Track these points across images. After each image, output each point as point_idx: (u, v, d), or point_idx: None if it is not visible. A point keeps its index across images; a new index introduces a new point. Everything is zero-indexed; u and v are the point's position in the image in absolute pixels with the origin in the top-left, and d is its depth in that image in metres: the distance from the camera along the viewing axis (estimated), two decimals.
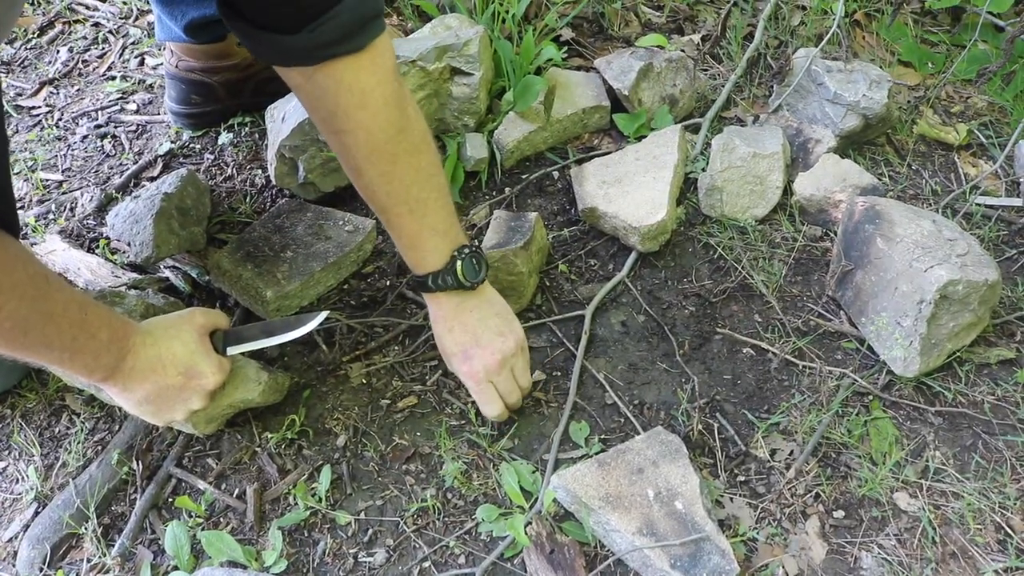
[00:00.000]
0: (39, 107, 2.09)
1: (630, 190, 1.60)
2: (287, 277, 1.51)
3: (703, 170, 1.70)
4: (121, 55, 2.21)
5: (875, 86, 1.76)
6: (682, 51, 1.98)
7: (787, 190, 1.69)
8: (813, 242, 1.65)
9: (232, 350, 1.30)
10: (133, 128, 1.99)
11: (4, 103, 1.29)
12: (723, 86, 1.90)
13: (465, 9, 1.89)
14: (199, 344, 1.24)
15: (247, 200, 1.74)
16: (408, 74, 1.65)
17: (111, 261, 1.66)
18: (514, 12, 1.86)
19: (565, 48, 1.95)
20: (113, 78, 2.14)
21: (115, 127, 2.00)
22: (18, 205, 1.83)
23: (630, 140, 1.78)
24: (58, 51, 2.24)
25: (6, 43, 2.27)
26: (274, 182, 1.68)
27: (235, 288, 1.53)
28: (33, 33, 2.29)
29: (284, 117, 1.64)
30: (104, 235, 1.71)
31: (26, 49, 2.26)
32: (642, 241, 1.57)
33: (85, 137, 1.99)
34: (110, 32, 2.28)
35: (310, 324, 1.32)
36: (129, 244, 1.56)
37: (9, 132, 2.02)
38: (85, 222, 1.77)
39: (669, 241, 1.63)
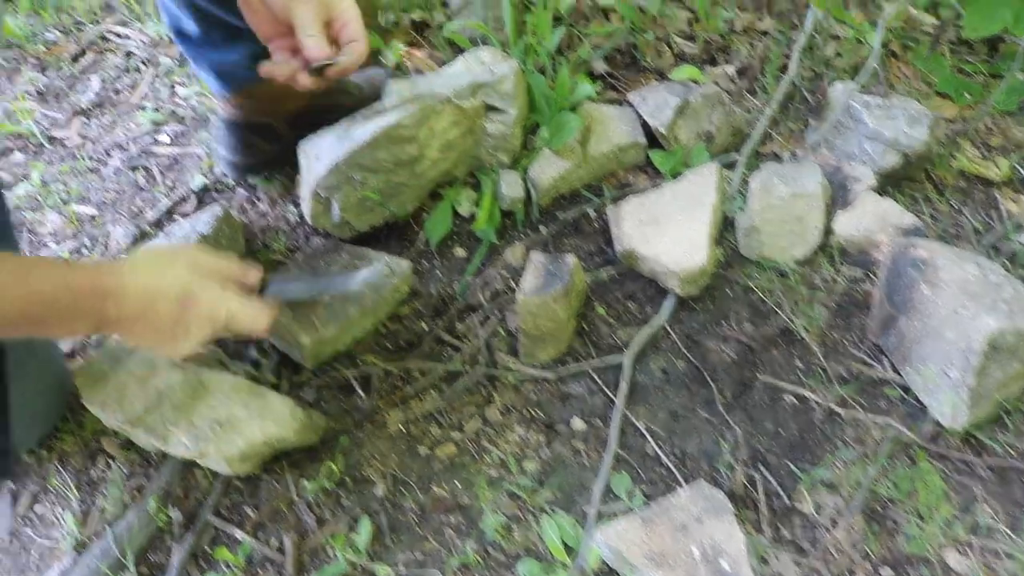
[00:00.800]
0: (72, 138, 2.09)
1: (669, 232, 1.59)
2: (324, 322, 1.50)
3: (741, 209, 1.68)
4: (152, 84, 2.21)
5: (915, 123, 1.73)
6: (716, 83, 1.97)
7: (827, 230, 1.67)
8: (854, 284, 1.63)
9: (272, 292, 1.35)
10: (166, 160, 1.98)
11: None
12: (759, 120, 1.88)
13: (498, 42, 1.88)
14: (193, 273, 1.18)
15: (280, 237, 1.74)
16: (442, 112, 1.64)
17: None
18: (547, 45, 1.85)
19: (598, 82, 1.93)
20: (145, 108, 2.14)
21: (148, 159, 2.00)
22: (52, 239, 1.83)
23: (666, 176, 1.76)
24: (90, 80, 2.25)
25: (40, 71, 2.28)
26: (309, 221, 1.67)
27: (271, 331, 1.52)
28: (66, 61, 2.29)
29: (319, 155, 1.63)
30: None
31: (59, 78, 2.26)
32: (681, 285, 1.56)
33: (118, 170, 1.99)
34: (142, 61, 2.28)
35: (361, 277, 1.43)
36: None
37: (43, 164, 2.02)
38: (119, 258, 1.77)
39: (708, 283, 1.61)
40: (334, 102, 1.77)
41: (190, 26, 1.58)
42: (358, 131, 1.60)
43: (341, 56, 1.26)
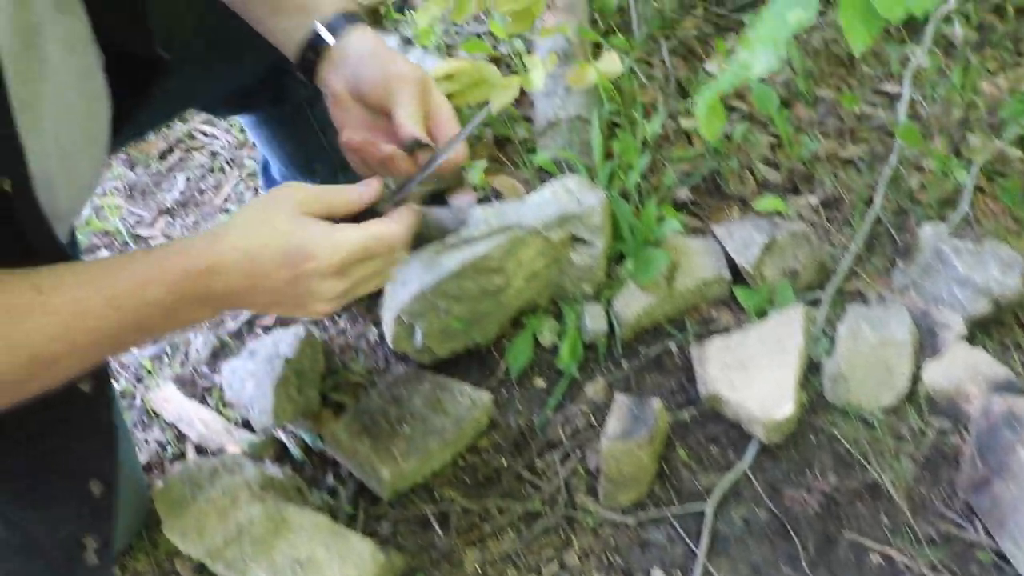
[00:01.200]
0: (156, 237, 2.13)
1: (755, 377, 1.56)
2: (404, 455, 1.49)
3: (826, 352, 1.66)
4: (236, 186, 2.25)
5: (1007, 269, 1.70)
6: (800, 215, 1.95)
7: (914, 378, 1.63)
8: (943, 436, 1.58)
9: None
10: None
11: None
12: (843, 257, 1.85)
13: (584, 167, 1.89)
14: (294, 221, 0.94)
15: (360, 358, 1.74)
16: (530, 243, 1.64)
17: (224, 416, 1.66)
18: (634, 173, 1.85)
19: (682, 211, 1.93)
20: (228, 210, 2.18)
21: None
22: None
23: (750, 313, 1.74)
24: (176, 178, 2.29)
25: (128, 168, 2.33)
26: (389, 343, 1.67)
27: (351, 461, 1.51)
28: (153, 158, 2.35)
29: (404, 281, 1.63)
30: (218, 384, 1.71)
31: (147, 175, 2.31)
32: (766, 433, 1.53)
33: None
34: (226, 161, 2.33)
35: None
36: (247, 408, 1.56)
37: None
38: (199, 368, 1.78)
39: (792, 430, 1.57)
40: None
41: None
42: (445, 260, 1.60)
43: (442, 152, 1.08)
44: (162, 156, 2.36)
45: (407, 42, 2.03)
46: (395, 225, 0.98)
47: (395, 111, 1.06)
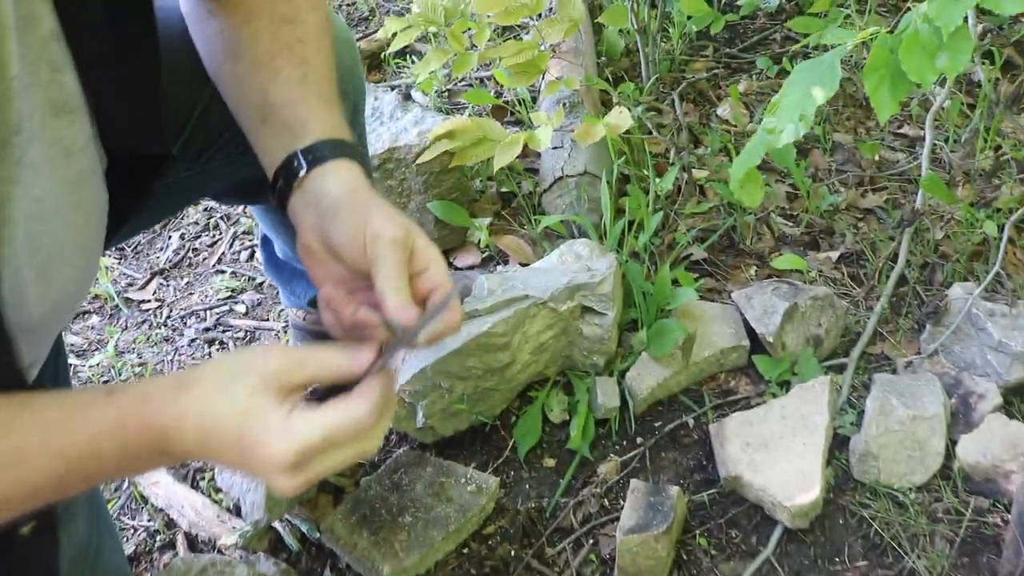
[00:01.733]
0: (148, 301, 2.05)
1: (778, 457, 1.47)
2: (406, 549, 1.39)
3: (852, 425, 1.56)
4: (231, 245, 2.17)
5: None
6: (820, 273, 1.86)
7: (948, 453, 1.53)
8: (980, 516, 1.48)
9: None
10: (242, 334, 1.92)
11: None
12: (868, 319, 1.76)
13: (594, 229, 1.80)
14: (254, 399, 0.79)
15: None
16: (537, 315, 1.55)
17: (215, 501, 1.57)
18: (646, 232, 1.77)
19: (694, 272, 1.84)
20: (223, 272, 2.09)
21: (223, 331, 1.94)
22: None
23: (770, 383, 1.64)
24: (170, 237, 2.22)
25: None
26: (390, 424, 1.58)
27: (349, 555, 1.42)
28: None
29: (405, 359, 1.55)
30: (210, 465, 1.62)
31: (141, 233, 2.23)
32: (791, 518, 1.43)
33: (193, 340, 1.93)
34: (221, 218, 2.25)
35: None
36: (239, 499, 1.47)
37: (118, 329, 1.98)
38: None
39: (818, 512, 1.47)
40: None
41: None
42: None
43: (429, 318, 0.88)
44: None
45: (407, 96, 1.94)
46: (362, 406, 0.78)
47: (375, 279, 0.87)
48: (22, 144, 0.82)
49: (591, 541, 1.48)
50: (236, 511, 1.54)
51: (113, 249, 2.19)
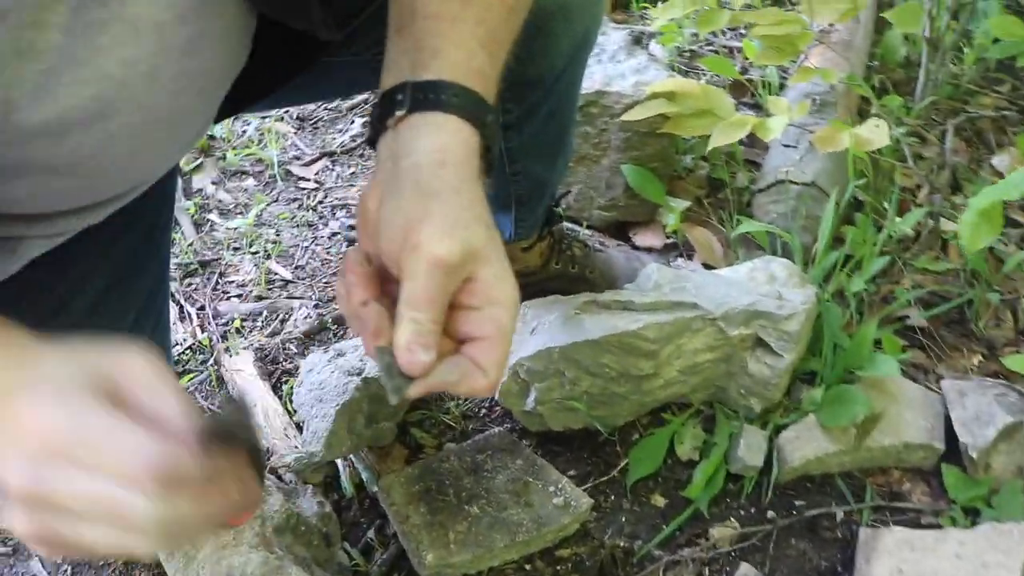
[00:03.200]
0: (308, 180, 1.92)
1: None
2: (459, 543, 1.19)
3: None
4: None
5: None
6: None
7: None
8: None
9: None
10: None
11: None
12: None
13: (800, 252, 1.50)
14: (68, 364, 0.57)
15: (461, 398, 1.45)
16: (701, 332, 1.29)
17: (288, 413, 1.42)
18: (861, 282, 1.46)
19: (907, 340, 1.51)
20: None
21: None
22: (236, 290, 1.64)
23: (955, 505, 1.32)
24: (352, 121, 2.07)
25: None
26: (495, 394, 1.37)
27: (399, 526, 1.23)
28: None
29: (535, 328, 1.33)
30: (298, 372, 1.47)
31: (326, 110, 2.10)
32: None
33: (335, 234, 1.78)
34: None
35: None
36: (304, 422, 1.30)
37: (267, 200, 1.85)
38: (287, 347, 1.54)
39: None
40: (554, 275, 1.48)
41: None
42: (588, 322, 1.28)
43: (444, 370, 0.67)
44: None
45: (637, 40, 1.69)
46: (168, 446, 0.53)
47: (401, 296, 0.66)
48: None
49: None
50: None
51: (287, 115, 2.07)
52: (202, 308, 1.64)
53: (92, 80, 0.66)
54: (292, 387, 1.44)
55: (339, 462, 1.34)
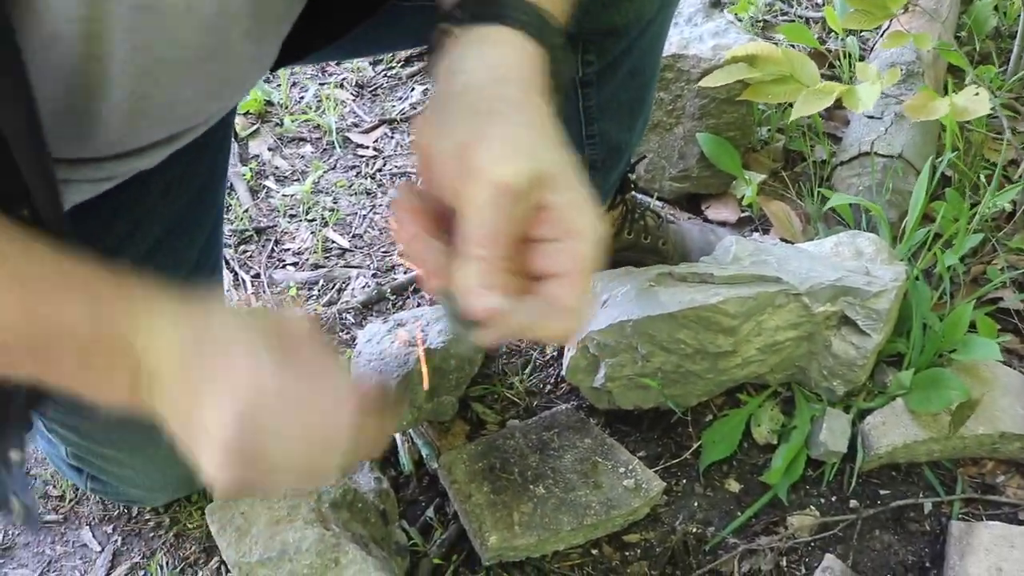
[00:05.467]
0: (366, 147, 1.86)
1: None
2: (523, 524, 1.13)
3: None
4: None
5: None
6: None
7: None
8: None
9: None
10: None
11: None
12: None
13: (889, 232, 1.41)
14: (253, 329, 0.61)
15: (526, 371, 1.38)
16: (783, 308, 1.21)
17: None
18: (954, 259, 1.36)
19: (1000, 324, 1.41)
20: None
21: None
22: (291, 258, 1.60)
23: None
24: (413, 88, 2.01)
25: (371, 63, 2.07)
26: (563, 369, 1.31)
27: (460, 505, 1.17)
28: (398, 62, 2.07)
29: (607, 300, 1.26)
30: (355, 342, 1.41)
31: (385, 77, 2.04)
32: None
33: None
34: None
35: None
36: None
37: (325, 167, 1.80)
38: (344, 317, 1.49)
39: None
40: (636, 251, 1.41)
41: None
42: (664, 295, 1.21)
43: (520, 308, 0.59)
44: (407, 61, 2.08)
45: (716, 3, 1.60)
46: (351, 392, 0.63)
47: (460, 232, 0.59)
48: None
49: None
50: None
51: (345, 81, 2.01)
52: (257, 276, 1.59)
53: (126, 7, 0.61)
54: (349, 357, 1.39)
55: (397, 437, 1.28)
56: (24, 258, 0.59)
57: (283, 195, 1.74)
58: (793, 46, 1.93)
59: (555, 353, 1.41)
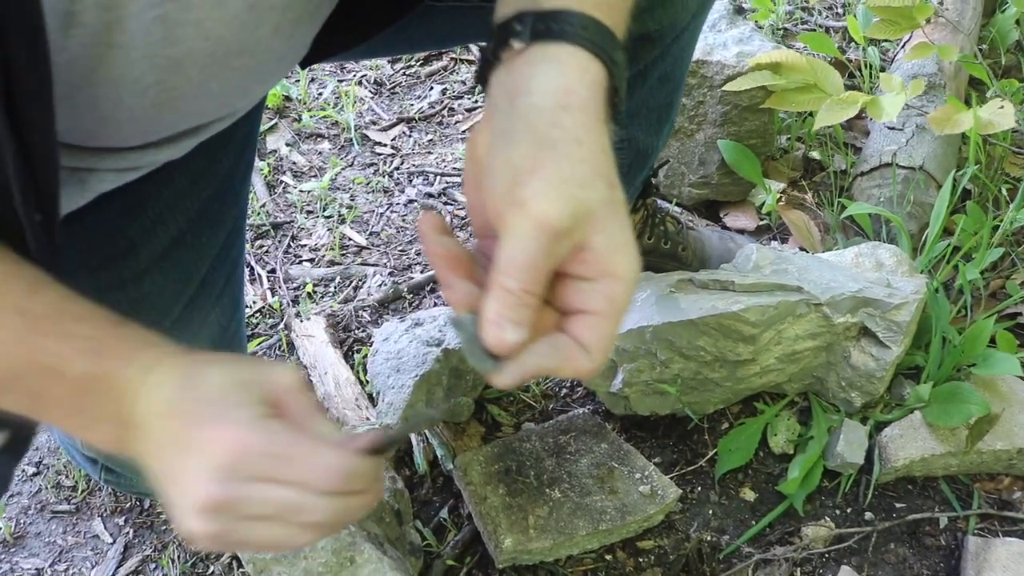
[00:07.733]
0: (384, 145, 1.86)
1: None
2: (539, 528, 1.12)
3: None
4: None
5: None
6: None
7: None
8: None
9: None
10: (462, 215, 1.69)
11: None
12: None
13: (909, 244, 1.41)
14: (242, 387, 0.61)
15: (539, 378, 1.38)
16: (804, 318, 1.21)
17: (361, 382, 1.37)
18: (974, 273, 1.36)
19: (1020, 339, 1.41)
20: (464, 140, 1.86)
21: (445, 203, 1.72)
22: (308, 254, 1.59)
23: None
24: (431, 88, 2.01)
25: (388, 61, 2.07)
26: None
27: (475, 507, 1.16)
28: (417, 60, 2.07)
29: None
30: (371, 340, 1.41)
31: (404, 75, 2.04)
32: None
33: (411, 202, 1.72)
34: None
35: None
36: (380, 393, 1.24)
37: (343, 163, 1.80)
38: (360, 315, 1.49)
39: None
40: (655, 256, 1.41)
41: None
42: (684, 302, 1.20)
43: (540, 352, 0.59)
44: (426, 60, 2.07)
45: (739, 9, 1.60)
46: (338, 456, 0.60)
47: (495, 261, 0.58)
48: None
49: None
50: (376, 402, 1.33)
51: (364, 79, 2.01)
52: (273, 271, 1.59)
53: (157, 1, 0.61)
54: (365, 356, 1.38)
55: (413, 436, 1.28)
56: (28, 292, 0.60)
57: (300, 191, 1.74)
58: (814, 55, 1.93)
59: None
